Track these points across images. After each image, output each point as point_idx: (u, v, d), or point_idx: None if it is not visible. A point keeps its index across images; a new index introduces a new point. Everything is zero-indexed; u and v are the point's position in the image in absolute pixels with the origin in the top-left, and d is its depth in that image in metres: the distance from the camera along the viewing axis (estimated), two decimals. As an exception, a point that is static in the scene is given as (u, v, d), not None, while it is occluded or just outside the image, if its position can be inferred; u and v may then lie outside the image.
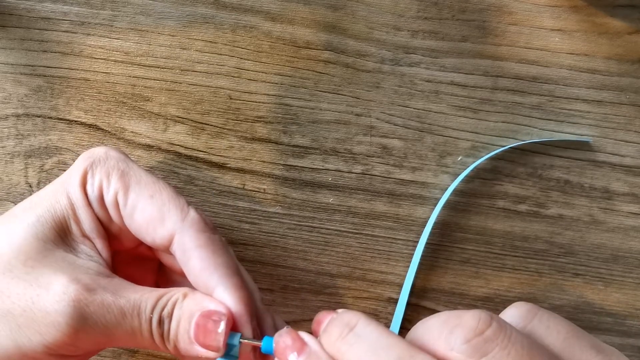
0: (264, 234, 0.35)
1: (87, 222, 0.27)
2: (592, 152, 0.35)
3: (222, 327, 0.25)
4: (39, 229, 0.26)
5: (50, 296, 0.24)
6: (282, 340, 0.24)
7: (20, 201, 0.34)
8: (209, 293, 0.26)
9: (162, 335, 0.25)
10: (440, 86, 0.35)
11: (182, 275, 0.28)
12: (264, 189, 0.35)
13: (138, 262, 0.30)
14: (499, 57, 0.35)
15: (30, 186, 0.35)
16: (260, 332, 0.28)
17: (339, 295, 0.35)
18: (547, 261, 0.35)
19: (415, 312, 0.35)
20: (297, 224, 0.35)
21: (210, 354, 0.25)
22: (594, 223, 0.35)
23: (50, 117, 0.35)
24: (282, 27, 0.35)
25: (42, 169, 0.35)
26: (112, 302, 0.25)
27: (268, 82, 0.35)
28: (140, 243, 0.29)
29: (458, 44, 0.35)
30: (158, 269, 0.31)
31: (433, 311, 0.34)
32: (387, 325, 0.34)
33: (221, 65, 0.35)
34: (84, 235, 0.27)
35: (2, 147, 0.35)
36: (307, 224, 0.35)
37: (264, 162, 0.35)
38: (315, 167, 0.35)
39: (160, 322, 0.25)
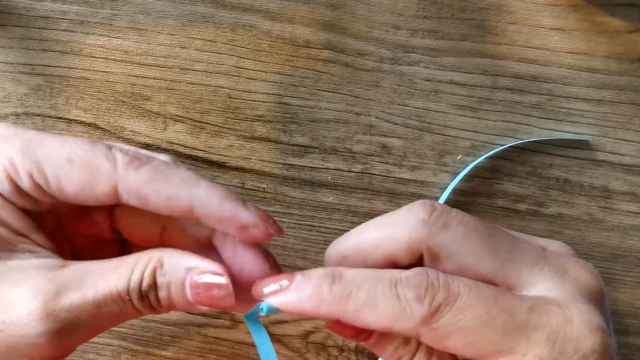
0: (263, 233, 0.35)
1: (14, 221, 0.24)
2: (592, 151, 0.35)
3: (225, 280, 0.23)
4: None
5: (17, 319, 0.23)
6: (268, 279, 0.23)
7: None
8: (188, 216, 0.24)
9: (150, 306, 0.24)
10: (439, 85, 0.35)
11: (144, 242, 0.27)
12: (264, 188, 0.35)
13: (97, 248, 0.28)
14: (499, 56, 0.35)
15: (29, 185, 0.35)
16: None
17: (339, 294, 0.35)
18: (547, 260, 0.35)
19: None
20: (296, 223, 0.35)
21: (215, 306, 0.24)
22: (594, 222, 0.35)
23: (50, 116, 0.35)
24: (282, 26, 0.35)
25: (41, 168, 0.35)
26: (82, 300, 0.23)
27: (267, 81, 0.35)
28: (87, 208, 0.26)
29: (457, 43, 0.35)
30: (119, 251, 0.29)
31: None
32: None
33: (221, 64, 0.35)
34: (19, 234, 0.24)
35: (2, 146, 0.35)
36: (306, 222, 0.35)
37: (264, 161, 0.35)
38: (315, 166, 0.35)
39: (142, 297, 0.24)
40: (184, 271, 0.24)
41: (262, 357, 0.25)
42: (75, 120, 0.35)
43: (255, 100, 0.35)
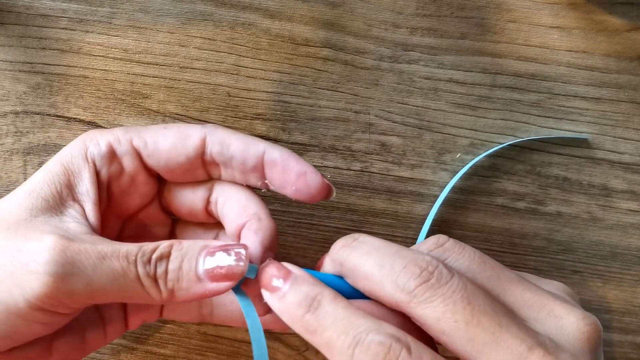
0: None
1: (83, 185, 0.27)
2: (591, 149, 0.35)
3: (243, 252, 0.25)
4: (24, 199, 0.26)
5: (28, 247, 0.24)
6: (267, 270, 0.25)
7: (19, 198, 0.35)
8: (258, 164, 0.28)
9: (154, 277, 0.25)
10: (439, 83, 0.35)
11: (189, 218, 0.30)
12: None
13: (147, 233, 0.30)
14: (498, 54, 0.35)
15: (29, 183, 0.35)
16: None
17: (338, 293, 0.35)
18: (546, 258, 0.35)
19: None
20: (295, 221, 0.35)
21: (222, 286, 0.25)
22: (593, 220, 0.35)
23: (49, 115, 0.35)
24: (281, 24, 0.35)
25: (40, 166, 0.35)
26: (90, 248, 0.24)
27: (267, 80, 0.35)
28: (141, 208, 0.29)
29: (457, 42, 0.35)
30: (170, 237, 0.31)
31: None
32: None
33: (220, 63, 0.35)
34: (75, 200, 0.27)
35: (1, 144, 0.35)
36: (306, 221, 0.35)
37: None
38: (314, 164, 0.35)
39: (150, 263, 0.25)
40: (200, 247, 0.26)
41: (250, 329, 0.25)
42: (74, 118, 0.35)
43: (254, 99, 0.35)
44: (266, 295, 0.25)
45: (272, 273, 0.25)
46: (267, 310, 0.26)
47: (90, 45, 0.35)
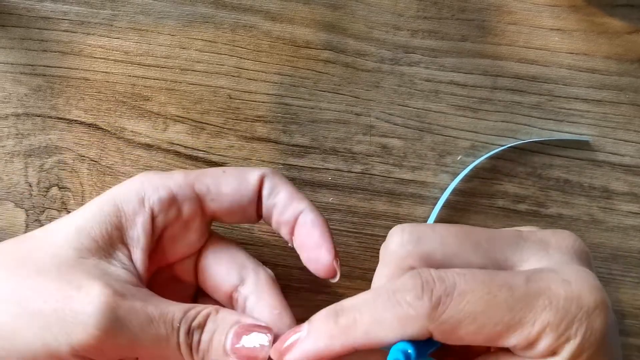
0: (263, 233, 0.35)
1: (134, 230, 0.27)
2: (592, 151, 0.35)
3: (268, 336, 0.26)
4: (75, 238, 0.26)
5: (81, 297, 0.24)
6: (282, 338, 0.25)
7: (20, 201, 0.35)
8: (282, 223, 0.29)
9: (190, 345, 0.26)
10: (439, 85, 0.35)
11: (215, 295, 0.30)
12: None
13: (175, 286, 0.30)
14: (499, 56, 0.35)
15: (30, 185, 0.35)
16: None
17: (339, 295, 0.35)
18: (547, 260, 0.35)
19: None
20: (296, 224, 0.35)
21: None
22: (594, 222, 0.35)
23: (50, 117, 0.35)
24: (282, 26, 0.35)
25: (41, 168, 0.35)
26: (140, 308, 0.25)
27: (268, 82, 0.35)
28: (187, 255, 0.30)
29: (457, 44, 0.35)
30: (194, 297, 0.31)
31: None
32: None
33: (221, 65, 0.35)
34: (123, 243, 0.27)
35: (2, 146, 0.35)
36: (306, 223, 0.35)
37: (264, 161, 0.35)
38: (315, 166, 0.35)
39: (189, 332, 0.25)
40: (232, 321, 0.26)
41: None
42: (75, 120, 0.35)
43: (255, 101, 0.35)
44: (295, 352, 0.24)
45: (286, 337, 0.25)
46: None
47: (92, 48, 0.35)
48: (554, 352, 0.22)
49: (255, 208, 0.29)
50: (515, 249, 0.24)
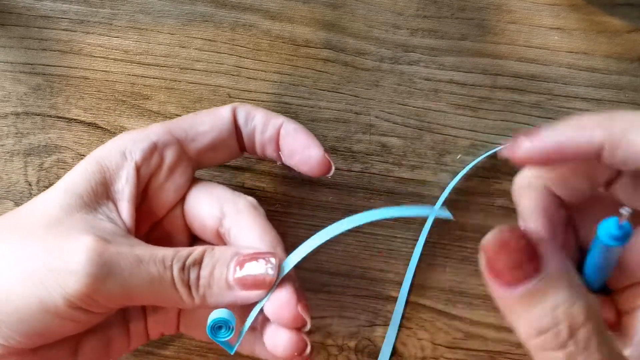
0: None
1: (119, 183, 0.28)
2: (591, 150, 0.35)
3: (273, 261, 0.26)
4: (60, 197, 0.26)
5: (67, 247, 0.25)
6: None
7: (19, 200, 0.35)
8: (267, 141, 0.30)
9: (187, 283, 0.26)
10: (439, 84, 0.35)
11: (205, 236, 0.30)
12: (263, 187, 0.35)
13: (170, 240, 0.31)
14: (498, 55, 0.35)
15: (29, 184, 0.35)
16: None
17: (338, 294, 0.35)
18: (546, 259, 0.35)
19: (414, 310, 0.35)
20: (296, 222, 0.35)
21: (252, 294, 0.26)
22: (593, 221, 0.35)
23: (50, 116, 0.35)
24: (282, 25, 0.35)
25: (41, 167, 0.35)
26: (128, 251, 0.25)
27: (267, 81, 0.35)
28: (175, 202, 0.30)
29: (457, 43, 0.35)
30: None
31: (432, 309, 0.35)
32: (386, 324, 0.34)
33: (220, 64, 0.35)
34: (109, 198, 0.27)
35: (2, 145, 0.35)
36: (306, 222, 0.35)
37: (263, 160, 0.35)
38: (315, 165, 0.35)
39: (184, 269, 0.26)
40: (231, 253, 0.26)
41: None
42: (75, 119, 0.35)
43: (255, 100, 0.35)
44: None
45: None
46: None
47: (91, 47, 0.35)
48: None
49: (235, 140, 0.30)
50: None
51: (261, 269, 0.26)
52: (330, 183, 0.35)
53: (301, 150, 0.29)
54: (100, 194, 0.27)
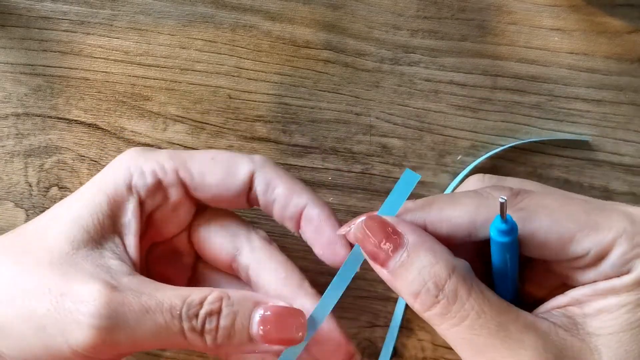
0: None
1: (125, 217, 0.27)
2: (592, 151, 0.35)
3: (301, 321, 0.25)
4: (69, 230, 0.26)
5: (72, 296, 0.24)
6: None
7: (19, 200, 0.35)
8: (286, 218, 0.28)
9: (200, 332, 0.25)
10: (439, 85, 0.35)
11: (217, 272, 0.30)
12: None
13: (173, 258, 0.30)
14: (499, 56, 0.35)
15: (30, 185, 0.35)
16: None
17: (339, 295, 0.35)
18: (547, 260, 0.35)
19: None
20: (296, 223, 0.35)
21: (275, 348, 0.25)
22: (593, 222, 0.35)
23: (50, 117, 0.35)
24: (282, 26, 0.35)
25: (41, 168, 0.35)
26: (134, 300, 0.24)
27: (267, 82, 0.35)
28: (178, 232, 0.29)
29: (457, 43, 0.35)
30: (192, 268, 0.31)
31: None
32: (387, 324, 0.34)
33: (221, 65, 0.35)
34: (115, 232, 0.27)
35: (2, 146, 0.35)
36: (306, 223, 0.35)
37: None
38: (315, 166, 0.35)
39: (197, 317, 0.25)
40: (252, 304, 0.25)
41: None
42: (75, 120, 0.35)
43: (255, 101, 0.35)
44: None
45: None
46: None
47: (91, 48, 0.35)
48: (625, 269, 0.22)
49: (245, 199, 0.28)
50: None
51: (289, 331, 0.25)
52: (330, 184, 0.35)
53: (326, 245, 0.27)
54: (107, 227, 0.26)
